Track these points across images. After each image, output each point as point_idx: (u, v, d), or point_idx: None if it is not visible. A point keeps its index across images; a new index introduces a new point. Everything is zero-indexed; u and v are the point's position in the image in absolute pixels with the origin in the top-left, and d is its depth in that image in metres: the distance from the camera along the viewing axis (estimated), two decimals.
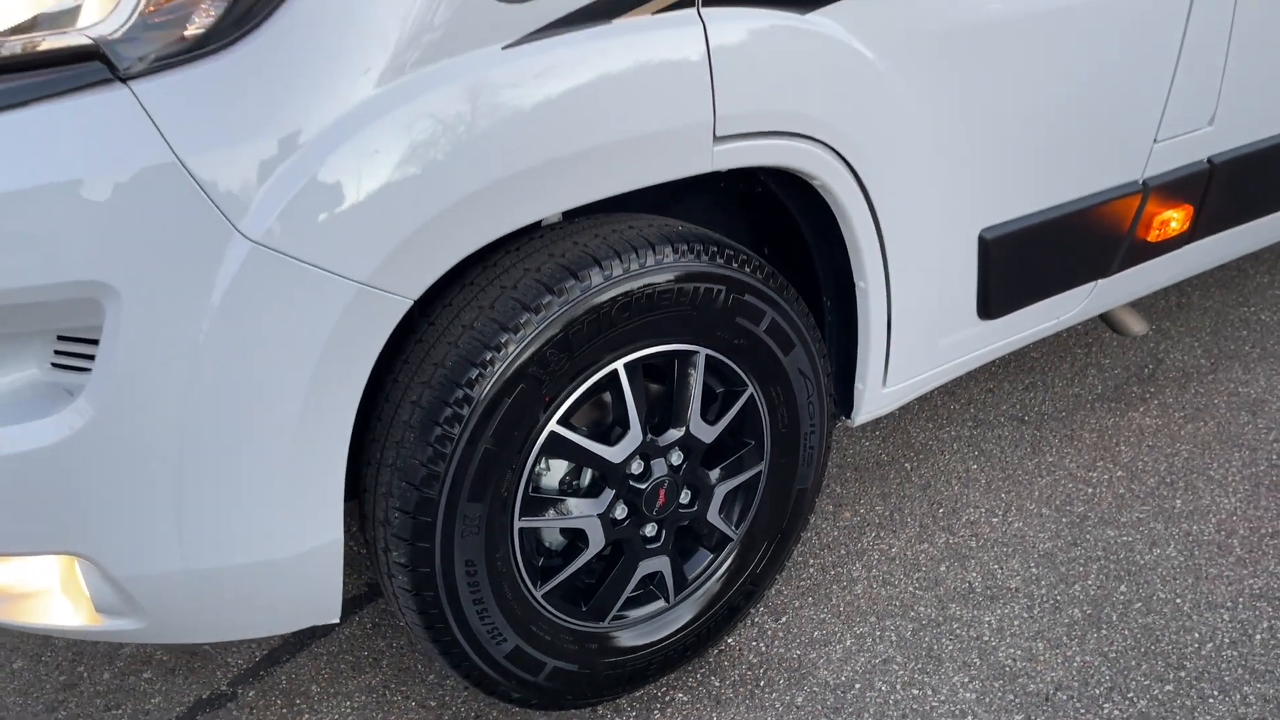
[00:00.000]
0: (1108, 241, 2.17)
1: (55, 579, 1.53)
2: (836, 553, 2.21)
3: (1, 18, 1.34)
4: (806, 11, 1.59)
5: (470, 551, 1.56)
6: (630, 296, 1.54)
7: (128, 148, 1.25)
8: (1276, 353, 2.89)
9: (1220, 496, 2.32)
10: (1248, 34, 2.16)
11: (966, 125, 1.83)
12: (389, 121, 1.32)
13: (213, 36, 1.28)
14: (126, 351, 1.31)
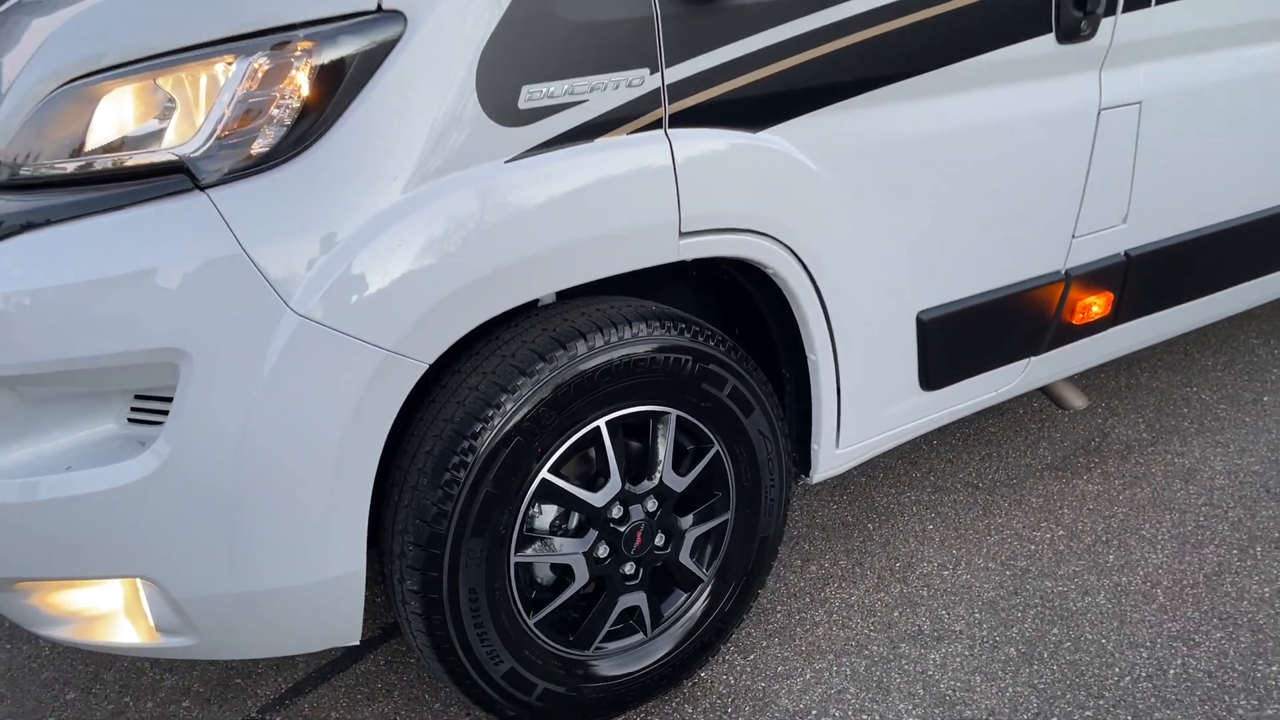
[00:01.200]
0: (1036, 323, 2.48)
1: (120, 602, 1.81)
2: (802, 600, 2.46)
3: (94, 139, 1.69)
4: (757, 130, 1.92)
5: (473, 581, 1.83)
6: (611, 364, 1.84)
7: (205, 241, 1.58)
8: (1213, 428, 3.17)
9: (1149, 553, 2.58)
10: (1153, 148, 2.49)
11: (899, 223, 2.15)
12: (412, 220, 1.64)
13: (273, 155, 1.61)
14: (196, 405, 1.61)
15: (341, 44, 1.61)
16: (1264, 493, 2.82)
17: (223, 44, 1.62)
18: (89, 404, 1.73)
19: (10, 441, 1.72)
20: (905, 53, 2.04)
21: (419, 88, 1.63)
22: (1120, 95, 2.39)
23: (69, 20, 1.76)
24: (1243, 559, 2.54)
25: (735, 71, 1.85)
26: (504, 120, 1.68)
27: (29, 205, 1.68)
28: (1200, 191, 2.67)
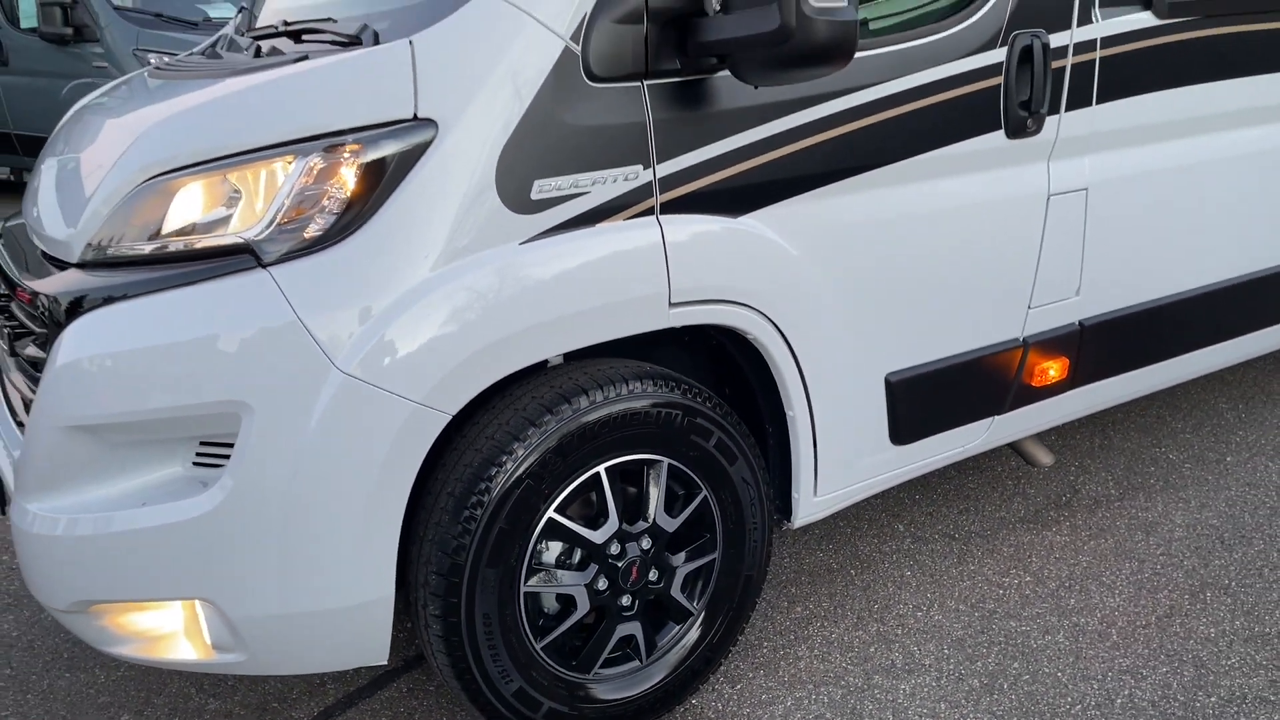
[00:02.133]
0: (998, 385, 2.74)
1: (181, 623, 2.07)
2: (786, 637, 2.69)
3: (169, 224, 2.00)
4: (737, 216, 2.22)
5: (487, 606, 2.08)
6: (610, 417, 2.12)
7: (266, 310, 1.88)
8: (1177, 485, 3.40)
9: (1107, 597, 2.80)
10: (1100, 228, 2.78)
11: (866, 295, 2.43)
12: (439, 294, 1.94)
13: (324, 238, 1.92)
14: (255, 448, 1.89)
15: (383, 146, 1.92)
16: (1218, 544, 3.04)
17: (283, 146, 1.95)
18: (160, 450, 2.02)
19: (94, 482, 2.00)
20: (868, 149, 2.35)
21: (447, 182, 1.94)
22: (1067, 183, 2.69)
23: (153, 126, 2.09)
24: (1193, 603, 2.76)
25: (716, 167, 2.16)
26: (519, 209, 1.99)
27: (114, 281, 2.00)
28: (1150, 267, 2.95)
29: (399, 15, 2.13)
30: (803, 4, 1.87)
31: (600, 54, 2.02)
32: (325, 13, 2.45)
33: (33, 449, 2.02)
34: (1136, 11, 2.70)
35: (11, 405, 2.41)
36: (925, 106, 2.40)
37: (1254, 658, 2.54)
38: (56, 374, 1.96)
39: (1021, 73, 2.50)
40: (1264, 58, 2.97)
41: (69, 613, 2.07)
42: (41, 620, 2.88)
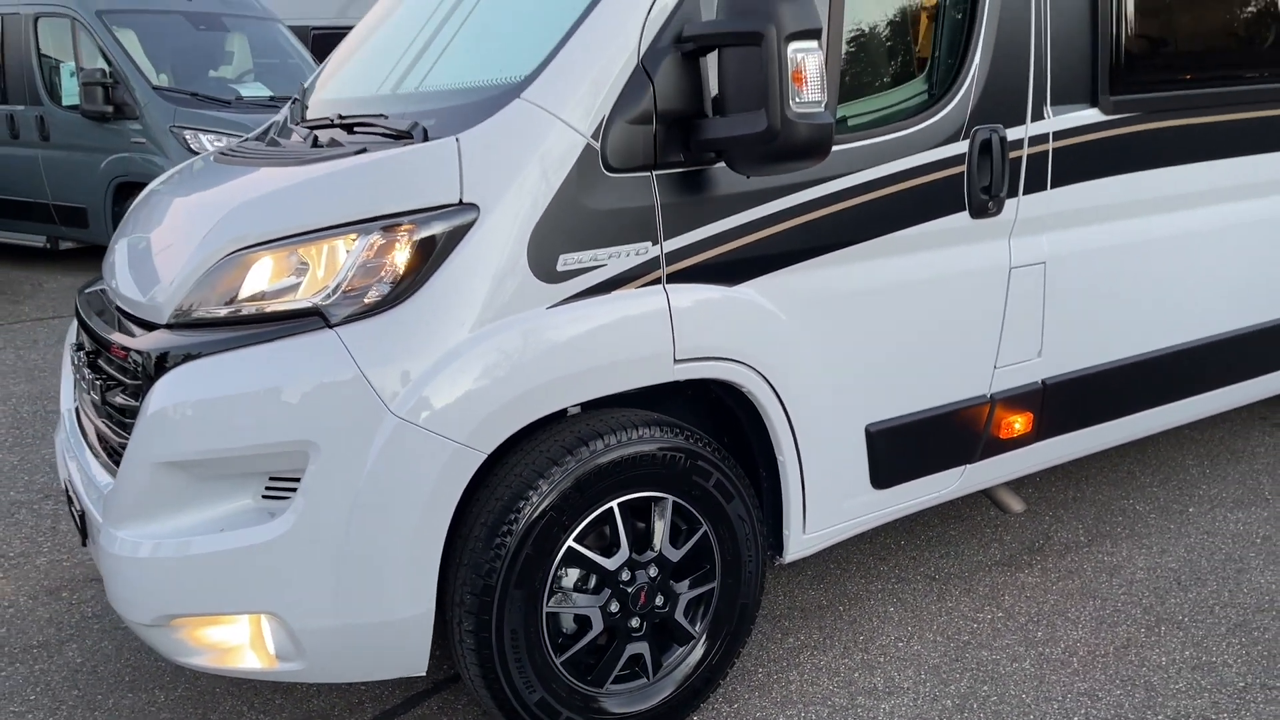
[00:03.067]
0: (968, 437, 3.06)
1: (247, 636, 2.38)
2: (780, 664, 2.98)
3: (244, 291, 2.35)
4: (733, 285, 2.57)
5: (514, 623, 2.39)
6: (622, 459, 2.44)
7: (333, 364, 2.22)
8: (1141, 533, 3.69)
9: (1071, 630, 3.09)
10: (1059, 298, 3.12)
11: (847, 354, 2.77)
12: (478, 351, 2.28)
13: (381, 304, 2.26)
14: (321, 481, 2.22)
15: (433, 226, 2.28)
16: (1175, 585, 3.33)
17: (347, 226, 2.30)
18: (234, 484, 2.34)
19: (176, 512, 2.33)
20: (848, 227, 2.70)
21: (486, 256, 2.29)
22: (1027, 257, 3.04)
23: (234, 209, 2.46)
24: (1148, 636, 3.04)
25: (715, 244, 2.51)
26: (546, 279, 2.34)
27: (198, 340, 2.35)
28: (1107, 331, 3.29)
29: (445, 114, 2.50)
30: (786, 109, 2.24)
31: (616, 149, 2.38)
32: (376, 108, 2.83)
33: (125, 483, 2.35)
34: (1085, 109, 3.07)
35: (92, 445, 2.74)
36: (897, 191, 2.76)
37: (1200, 683, 2.81)
38: (149, 419, 2.29)
39: (982, 162, 2.87)
40: (1203, 149, 3.34)
41: (152, 626, 2.37)
42: (102, 649, 3.18)
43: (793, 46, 2.23)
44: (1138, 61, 3.16)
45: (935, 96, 2.83)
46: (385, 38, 3.35)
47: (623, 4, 2.42)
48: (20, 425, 5.25)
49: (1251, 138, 3.46)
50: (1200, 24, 3.36)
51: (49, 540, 3.92)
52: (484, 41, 2.86)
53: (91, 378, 2.69)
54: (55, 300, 8.26)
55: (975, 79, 2.84)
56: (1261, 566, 3.44)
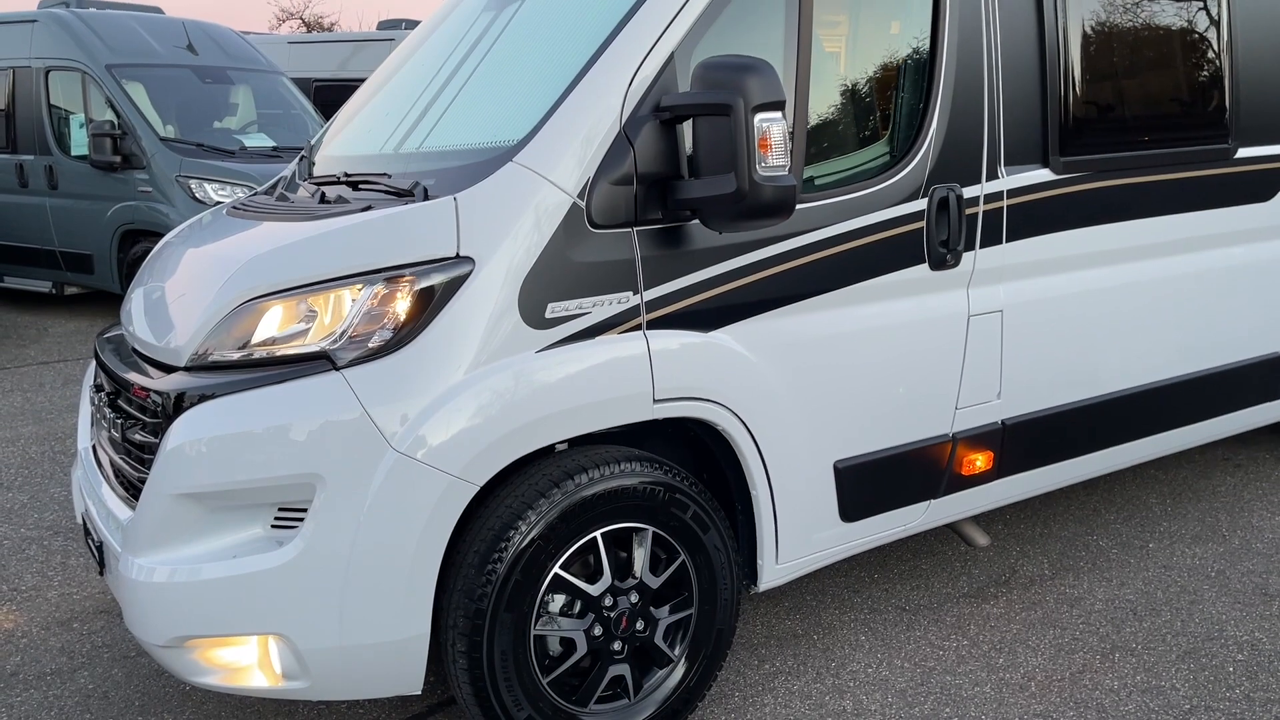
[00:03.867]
0: (932, 473, 3.26)
1: (255, 657, 2.55)
2: (755, 688, 3.15)
3: (256, 337, 2.55)
4: (709, 331, 2.78)
5: (504, 645, 2.57)
6: (605, 492, 2.64)
7: (340, 403, 2.42)
8: (1103, 567, 3.88)
9: (1031, 657, 3.27)
10: (1016, 344, 3.34)
11: (815, 395, 2.98)
12: (472, 392, 2.48)
13: (384, 348, 2.47)
14: (326, 513, 2.41)
15: (432, 277, 2.50)
16: (1131, 615, 3.51)
17: (353, 277, 2.52)
18: (246, 514, 2.53)
19: (192, 541, 2.52)
20: (814, 278, 2.92)
21: (481, 305, 2.51)
22: (985, 305, 3.26)
23: (248, 261, 2.67)
24: (1103, 662, 3.23)
25: (691, 293, 2.73)
26: (535, 325, 2.55)
27: (214, 381, 2.55)
28: (1064, 374, 3.50)
29: (444, 174, 2.73)
30: (753, 172, 2.47)
31: (600, 207, 2.61)
32: (380, 167, 3.06)
33: (144, 514, 2.54)
34: (1037, 169, 3.31)
35: (110, 480, 2.93)
36: (861, 245, 2.99)
37: (1148, 704, 2.99)
38: (168, 454, 2.49)
39: (940, 218, 3.10)
40: (1148, 206, 3.58)
41: (166, 648, 2.55)
42: (113, 676, 3.34)
43: (759, 116, 2.46)
44: (1085, 125, 3.41)
45: (896, 158, 3.06)
46: (388, 99, 3.60)
47: (607, 76, 2.66)
48: (29, 465, 5.43)
49: (1192, 196, 3.70)
50: (1142, 90, 3.61)
51: (60, 574, 4.09)
52: (480, 105, 3.10)
53: (112, 417, 2.89)
54: (60, 344, 8.46)
55: (933, 142, 3.08)
56: (1214, 598, 3.63)
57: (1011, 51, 3.23)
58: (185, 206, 8.27)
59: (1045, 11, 3.29)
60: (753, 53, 2.71)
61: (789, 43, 2.84)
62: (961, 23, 3.12)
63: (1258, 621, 3.45)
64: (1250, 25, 3.81)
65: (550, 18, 3.15)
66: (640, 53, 2.68)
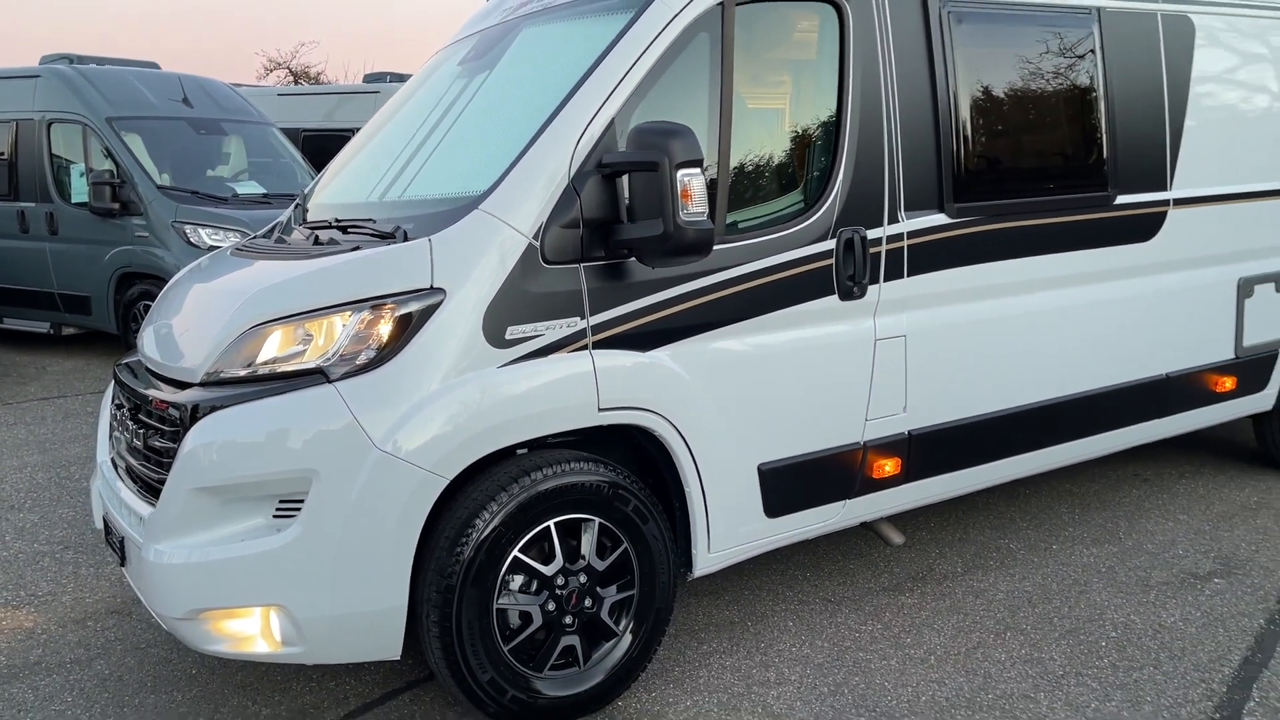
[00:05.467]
0: (846, 476, 3.76)
1: (258, 628, 3.00)
2: (692, 664, 3.61)
3: (261, 357, 3.04)
4: (646, 351, 3.28)
5: (470, 616, 3.03)
6: (558, 487, 3.12)
7: (333, 410, 2.91)
8: (1009, 565, 4.37)
9: (934, 637, 3.75)
10: (919, 364, 3.85)
11: (741, 408, 3.47)
12: (443, 401, 2.97)
13: (370, 365, 2.96)
14: (320, 501, 2.88)
15: (410, 305, 3.00)
16: (1026, 603, 4.00)
17: (343, 305, 3.01)
18: (251, 505, 3.00)
19: (206, 528, 2.98)
20: (737, 307, 3.43)
21: (450, 328, 3.00)
22: (890, 331, 3.77)
23: (254, 293, 3.16)
24: (995, 640, 3.71)
25: (630, 319, 3.24)
26: (497, 345, 3.05)
27: (225, 394, 3.03)
28: (962, 392, 4.01)
29: (420, 220, 3.23)
30: (677, 217, 2.99)
31: (552, 247, 3.12)
32: (366, 213, 3.56)
33: (165, 506, 3.01)
34: (933, 214, 3.84)
35: (129, 483, 3.39)
36: (779, 279, 3.50)
37: (1028, 672, 3.47)
38: (185, 456, 2.96)
39: (847, 256, 3.62)
40: (1032, 245, 4.11)
41: (182, 620, 3.00)
42: (126, 663, 3.77)
43: (681, 172, 2.98)
44: (975, 176, 3.95)
45: (809, 205, 3.59)
46: (373, 153, 4.13)
47: (558, 137, 3.18)
48: (37, 489, 5.86)
49: (1077, 237, 4.24)
50: (1028, 145, 4.16)
51: (72, 582, 4.52)
52: (451, 160, 3.62)
53: (134, 428, 3.36)
54: (59, 381, 8.89)
55: (840, 191, 3.61)
56: (1100, 589, 4.12)
57: (908, 113, 3.77)
58: (180, 250, 8.75)
59: (937, 77, 3.84)
60: (681, 119, 3.24)
61: (712, 110, 3.37)
62: (864, 89, 3.66)
63: (1135, 607, 3.95)
64: (1125, 86, 4.38)
65: (511, 85, 3.69)
66: (585, 118, 3.20)
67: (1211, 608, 3.92)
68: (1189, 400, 4.78)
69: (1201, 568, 4.30)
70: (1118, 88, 4.35)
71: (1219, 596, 4.01)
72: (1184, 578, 4.20)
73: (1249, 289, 4.88)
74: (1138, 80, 4.43)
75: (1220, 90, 4.73)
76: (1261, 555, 4.41)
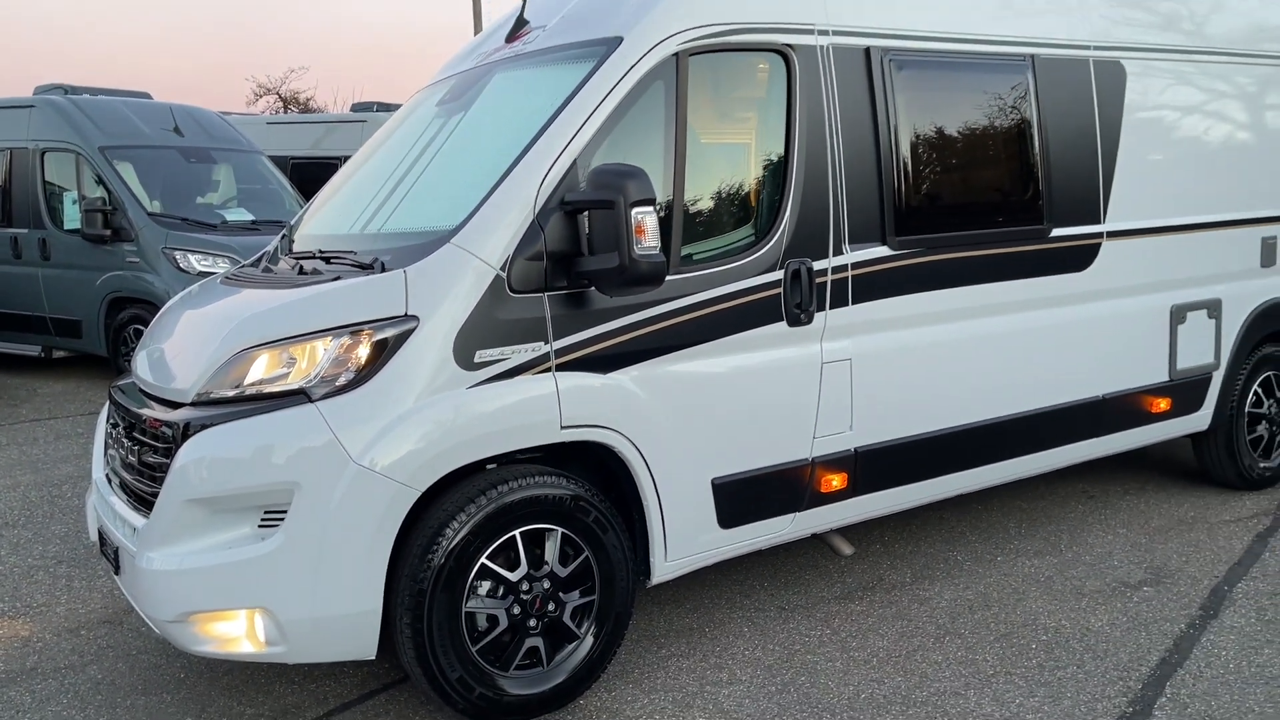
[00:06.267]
0: (795, 490, 4.02)
1: (244, 629, 3.25)
2: (651, 666, 3.86)
3: (249, 379, 3.30)
4: (606, 373, 3.55)
5: (440, 618, 3.27)
6: (524, 499, 3.38)
7: (314, 428, 3.16)
8: (955, 575, 4.64)
9: (877, 640, 4.01)
10: (864, 385, 4.12)
11: (695, 425, 3.74)
12: (416, 419, 3.23)
13: (349, 385, 3.23)
14: (302, 511, 3.13)
15: (385, 330, 3.26)
16: (966, 610, 4.26)
17: (324, 332, 3.28)
18: (238, 516, 3.25)
19: (196, 537, 3.22)
20: (692, 332, 3.71)
21: (423, 352, 3.27)
22: (836, 355, 4.05)
23: (243, 319, 3.42)
24: (935, 643, 3.97)
25: (591, 344, 3.51)
26: (467, 367, 3.31)
27: (215, 413, 3.28)
28: (906, 411, 4.29)
29: (397, 252, 3.50)
30: (631, 251, 3.26)
31: (518, 277, 3.39)
32: (347, 245, 3.84)
33: (158, 516, 3.25)
34: (876, 246, 4.13)
35: (123, 496, 3.63)
36: (730, 306, 3.78)
37: (961, 671, 3.73)
38: (178, 470, 3.21)
39: (794, 285, 3.91)
40: (969, 275, 4.40)
41: (173, 623, 3.24)
42: (118, 669, 4.00)
43: (635, 210, 3.27)
44: (916, 211, 4.24)
45: (759, 238, 3.87)
46: (355, 187, 4.41)
47: (524, 177, 3.46)
48: (30, 507, 6.08)
49: (1015, 267, 4.54)
50: (966, 182, 4.47)
51: (65, 594, 4.75)
52: (427, 196, 3.90)
53: (129, 445, 3.61)
54: (50, 404, 9.11)
55: (787, 226, 3.90)
56: (1037, 596, 4.39)
57: (852, 153, 4.07)
58: (170, 276, 9.01)
59: (879, 120, 4.14)
60: (639, 160, 3.54)
61: (668, 151, 3.66)
62: (809, 132, 3.96)
63: (1066, 613, 4.22)
64: (1059, 126, 4.69)
65: (484, 127, 3.98)
66: (550, 159, 3.48)
67: (1138, 613, 4.19)
68: (1126, 420, 5.07)
69: (1133, 577, 4.57)
70: (1052, 128, 4.67)
71: (1146, 603, 4.29)
72: (1116, 586, 4.47)
73: (1182, 315, 5.19)
74: (1071, 121, 4.75)
75: (1151, 130, 5.05)
76: (1191, 566, 4.69)
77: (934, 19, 4.35)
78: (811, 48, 3.98)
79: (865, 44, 4.13)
